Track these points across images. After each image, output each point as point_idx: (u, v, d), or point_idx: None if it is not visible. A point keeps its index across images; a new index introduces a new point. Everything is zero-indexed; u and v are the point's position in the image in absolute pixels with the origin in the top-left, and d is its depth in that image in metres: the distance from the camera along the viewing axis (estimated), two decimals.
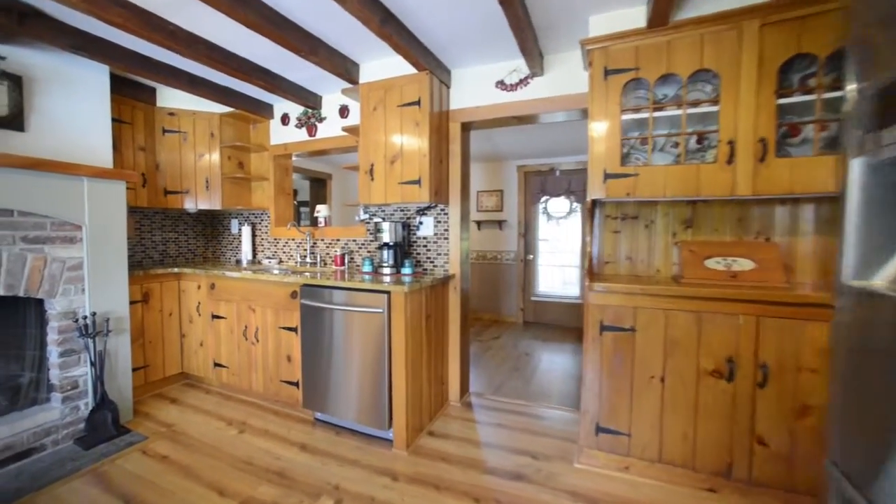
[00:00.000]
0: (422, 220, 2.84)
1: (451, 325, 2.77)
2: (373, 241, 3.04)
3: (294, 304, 2.54)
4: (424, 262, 2.86)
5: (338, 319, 2.36)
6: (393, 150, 2.53)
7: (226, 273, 2.78)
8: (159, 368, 2.96)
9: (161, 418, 2.62)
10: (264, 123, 3.47)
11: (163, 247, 3.49)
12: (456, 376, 2.79)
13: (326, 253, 3.23)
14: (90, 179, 2.36)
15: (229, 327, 2.85)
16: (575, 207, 5.06)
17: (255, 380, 2.76)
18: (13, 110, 2.24)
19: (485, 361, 3.74)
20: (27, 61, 2.27)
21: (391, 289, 2.16)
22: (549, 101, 2.46)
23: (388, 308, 2.18)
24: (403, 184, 2.50)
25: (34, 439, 2.22)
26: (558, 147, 4.56)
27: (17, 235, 2.13)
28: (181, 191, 3.18)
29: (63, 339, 2.30)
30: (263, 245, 3.56)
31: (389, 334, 2.20)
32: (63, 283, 2.29)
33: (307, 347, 2.48)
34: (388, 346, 2.21)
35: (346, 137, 3.09)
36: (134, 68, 2.49)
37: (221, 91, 3.00)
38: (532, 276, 5.32)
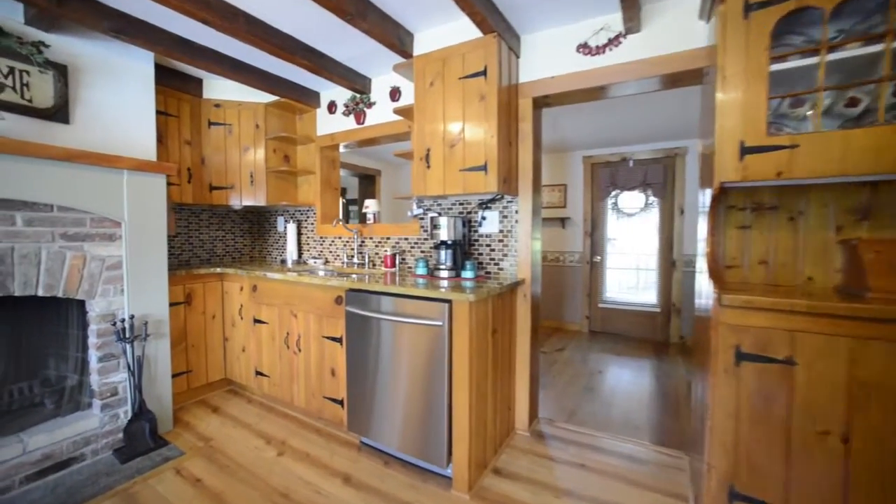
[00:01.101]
0: (485, 215, 2.42)
1: (519, 338, 2.33)
2: (427, 239, 2.68)
3: (338, 311, 2.22)
4: (487, 265, 2.44)
5: (387, 331, 2.01)
6: (453, 131, 2.14)
7: (267, 274, 2.54)
8: (202, 374, 2.79)
9: (201, 430, 2.41)
10: (311, 113, 3.23)
11: (210, 245, 3.36)
12: (524, 400, 2.35)
13: (375, 253, 2.92)
14: (130, 172, 2.19)
15: (271, 333, 2.61)
16: (652, 202, 4.40)
17: (296, 393, 2.49)
18: (58, 101, 2.12)
19: (551, 379, 3.25)
20: (72, 50, 2.15)
21: (453, 297, 1.77)
22: (646, 65, 1.95)
23: (448, 320, 1.79)
24: (465, 171, 2.10)
25: (74, 448, 2.07)
26: (632, 133, 3.96)
27: (56, 232, 1.99)
28: (226, 186, 3.01)
29: (102, 343, 2.15)
30: (309, 244, 3.33)
31: (450, 351, 1.81)
32: (102, 283, 2.13)
33: (353, 361, 2.16)
34: (448, 366, 1.82)
35: (398, 122, 2.76)
36: (175, 53, 2.31)
37: (266, 77, 2.78)
38: (599, 281, 4.72)
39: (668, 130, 3.85)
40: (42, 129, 2.06)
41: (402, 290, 1.92)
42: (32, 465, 1.94)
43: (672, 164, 4.21)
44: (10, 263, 1.87)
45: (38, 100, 2.08)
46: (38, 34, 2.06)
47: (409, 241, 2.76)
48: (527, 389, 2.34)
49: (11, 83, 2.01)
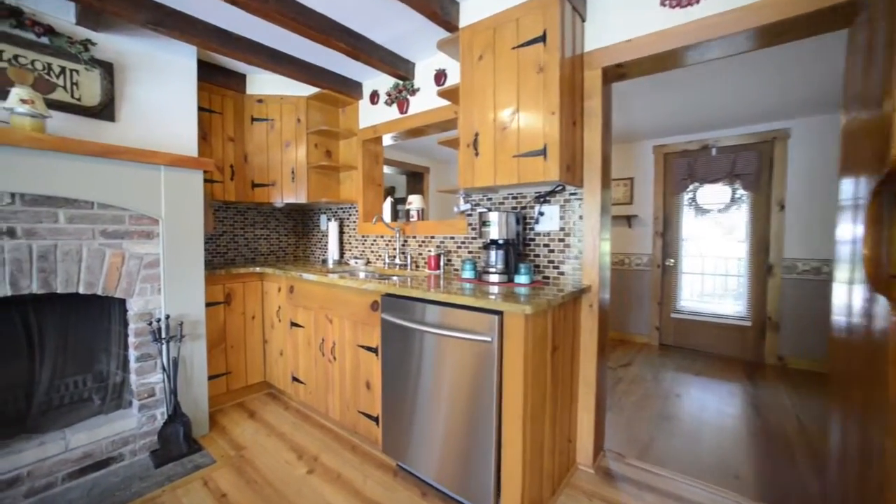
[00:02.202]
0: (542, 211, 2.07)
1: (583, 357, 1.96)
2: (475, 238, 2.38)
3: (374, 319, 1.99)
4: (544, 268, 2.09)
5: (427, 344, 1.73)
6: (505, 111, 1.83)
7: (303, 275, 2.38)
8: (241, 376, 2.71)
9: (235, 436, 2.31)
10: (353, 105, 3.07)
11: (254, 244, 3.32)
12: (588, 430, 1.97)
13: (419, 253, 2.67)
14: (167, 168, 2.12)
15: (307, 338, 2.45)
16: (741, 196, 3.73)
17: (331, 404, 2.30)
18: (104, 99, 2.11)
19: (616, 400, 2.80)
20: (118, 48, 2.14)
21: (505, 307, 1.45)
22: (755, 11, 1.49)
23: (499, 334, 1.48)
24: (521, 156, 1.78)
25: (113, 448, 2.04)
26: (717, 115, 3.36)
27: (96, 229, 1.96)
28: (268, 183, 2.92)
29: (139, 343, 2.10)
30: (351, 243, 3.17)
31: (500, 372, 1.50)
32: (140, 281, 2.08)
33: (389, 375, 1.92)
34: (498, 390, 1.51)
35: (443, 109, 2.49)
36: (212, 44, 2.22)
37: (307, 68, 2.65)
38: (672, 287, 4.12)
39: (764, 109, 3.21)
40: (88, 127, 2.06)
41: (444, 297, 1.63)
42: (74, 463, 1.92)
43: (769, 151, 3.53)
44: (52, 261, 1.84)
45: (86, 98, 2.07)
46: (87, 33, 2.06)
47: (455, 240, 2.47)
48: (591, 418, 1.96)
49: (62, 83, 2.02)
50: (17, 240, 1.77)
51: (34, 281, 1.80)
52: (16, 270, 1.76)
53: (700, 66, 2.47)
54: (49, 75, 1.98)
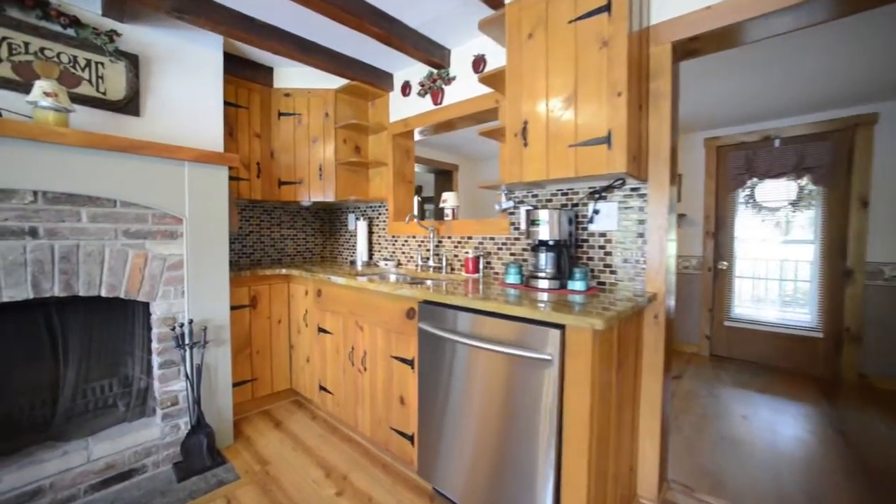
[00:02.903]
0: (597, 208, 1.84)
1: (645, 376, 1.71)
2: (518, 238, 2.16)
3: (410, 327, 1.81)
4: (599, 272, 1.85)
5: (472, 359, 1.53)
6: (561, 94, 1.60)
7: (331, 278, 2.22)
8: (267, 383, 2.59)
9: (259, 448, 2.17)
10: (383, 98, 2.90)
11: (281, 244, 3.21)
12: (651, 458, 1.72)
13: (454, 255, 2.47)
14: (191, 164, 2.01)
15: (335, 346, 2.30)
16: (810, 192, 3.34)
17: (361, 417, 2.14)
18: (129, 93, 2.02)
19: (672, 420, 2.52)
20: (144, 39, 2.05)
21: (570, 321, 1.23)
22: None
23: (560, 352, 1.26)
24: (578, 146, 1.55)
25: (135, 459, 1.94)
26: (782, 100, 3.01)
27: (118, 229, 1.86)
28: (295, 181, 2.79)
29: (162, 349, 1.99)
30: (381, 243, 3.00)
31: (561, 395, 1.28)
32: (163, 284, 1.97)
33: (426, 392, 1.72)
34: (559, 414, 1.29)
35: (482, 98, 2.28)
36: (237, 32, 2.09)
37: (335, 58, 2.50)
38: (725, 292, 3.77)
39: (842, 92, 2.83)
40: (113, 122, 1.98)
41: (494, 306, 1.43)
42: (96, 475, 1.83)
43: (847, 140, 3.12)
44: (75, 262, 1.75)
45: (111, 92, 1.99)
46: (113, 24, 1.98)
47: (495, 241, 2.26)
48: (656, 444, 1.71)
49: (88, 76, 1.94)
50: (39, 240, 1.68)
51: (56, 283, 1.71)
52: (38, 272, 1.68)
53: (762, 46, 2.17)
54: (75, 68, 1.90)
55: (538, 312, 1.29)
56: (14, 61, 1.79)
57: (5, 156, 1.57)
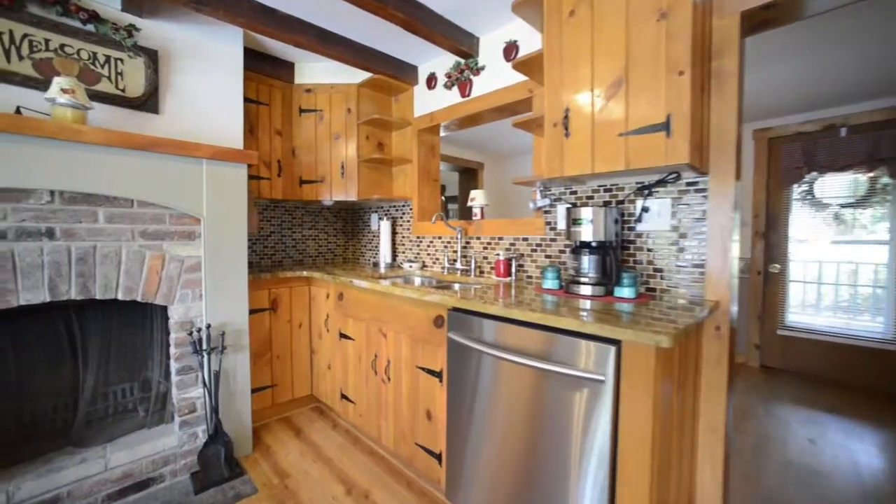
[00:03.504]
0: (647, 206, 1.64)
1: (705, 394, 1.50)
2: (555, 239, 1.98)
3: (438, 337, 1.66)
4: (649, 277, 1.65)
5: (511, 376, 1.37)
6: (609, 76, 1.42)
7: (353, 281, 2.10)
8: (287, 389, 2.50)
9: (279, 459, 2.07)
10: (407, 93, 2.77)
11: (303, 245, 3.13)
12: (713, 489, 1.50)
13: (483, 257, 2.31)
14: (209, 162, 1.93)
15: (357, 353, 2.18)
16: (885, 185, 2.97)
17: (384, 430, 2.00)
18: (148, 89, 1.96)
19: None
20: (163, 34, 1.99)
21: (626, 336, 1.05)
22: None
23: (615, 372, 1.08)
24: (630, 134, 1.36)
25: (153, 468, 1.87)
26: (850, 83, 2.69)
27: (136, 230, 1.79)
28: (316, 180, 2.70)
29: (180, 354, 1.91)
30: (405, 244, 2.87)
31: (615, 422, 1.10)
32: (180, 287, 1.90)
33: (456, 408, 1.57)
34: (612, 445, 1.11)
35: (515, 88, 2.11)
36: (257, 24, 2.00)
37: (357, 51, 2.38)
38: (778, 298, 3.44)
39: None
40: (132, 120, 1.92)
41: (538, 317, 1.26)
42: (114, 483, 1.77)
43: None
44: (91, 264, 1.69)
45: (130, 89, 1.93)
46: (132, 20, 1.93)
47: (528, 242, 2.09)
48: (718, 473, 1.49)
49: (107, 73, 1.89)
50: (56, 241, 1.62)
51: (73, 286, 1.66)
52: (55, 275, 1.62)
53: (829, 19, 1.91)
54: (94, 65, 1.85)
55: (589, 325, 1.11)
56: (35, 59, 1.75)
57: (23, 154, 1.52)
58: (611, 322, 1.10)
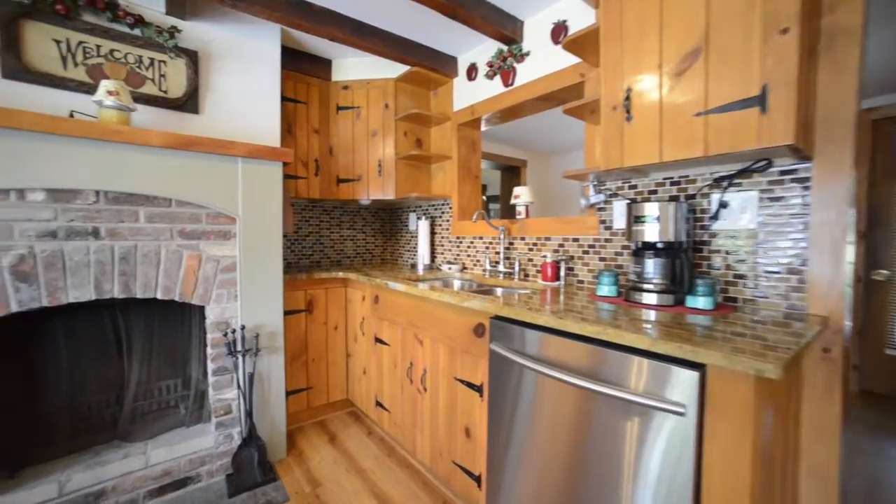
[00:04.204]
0: (725, 200, 1.38)
1: (807, 430, 1.22)
2: (610, 240, 1.75)
3: (478, 346, 1.50)
4: (728, 286, 1.39)
5: (561, 397, 1.18)
6: (683, 44, 1.19)
7: (388, 284, 1.99)
8: (323, 392, 2.44)
9: (312, 466, 2.01)
10: (446, 86, 2.63)
11: (340, 245, 3.08)
12: None
13: (528, 259, 2.12)
14: (244, 160, 1.90)
15: (392, 359, 2.06)
16: None
17: (420, 443, 1.87)
18: (189, 90, 1.97)
19: None
20: (203, 35, 2.01)
21: (716, 361, 0.83)
22: None
23: (698, 402, 0.87)
24: (712, 113, 1.13)
25: (190, 468, 1.86)
26: None
27: (174, 229, 1.79)
28: (353, 178, 2.63)
29: (216, 355, 1.90)
30: (444, 245, 2.74)
31: (698, 464, 0.88)
32: (216, 287, 1.88)
33: (498, 427, 1.40)
34: (694, 493, 0.89)
35: (562, 73, 1.91)
36: (294, 19, 1.95)
37: (394, 43, 2.28)
38: (886, 311, 2.93)
39: None
40: (174, 120, 1.94)
41: (597, 330, 1.06)
42: (154, 480, 1.78)
43: None
44: (133, 263, 1.70)
45: (172, 90, 1.96)
46: (174, 21, 1.95)
47: (579, 243, 1.87)
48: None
49: (151, 75, 1.92)
50: (101, 240, 1.64)
51: (116, 285, 1.67)
52: (99, 273, 1.64)
53: None
54: (140, 68, 1.89)
55: (663, 344, 0.90)
56: (88, 65, 1.79)
57: (73, 155, 1.55)
58: (691, 341, 0.89)
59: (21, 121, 1.42)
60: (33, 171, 1.48)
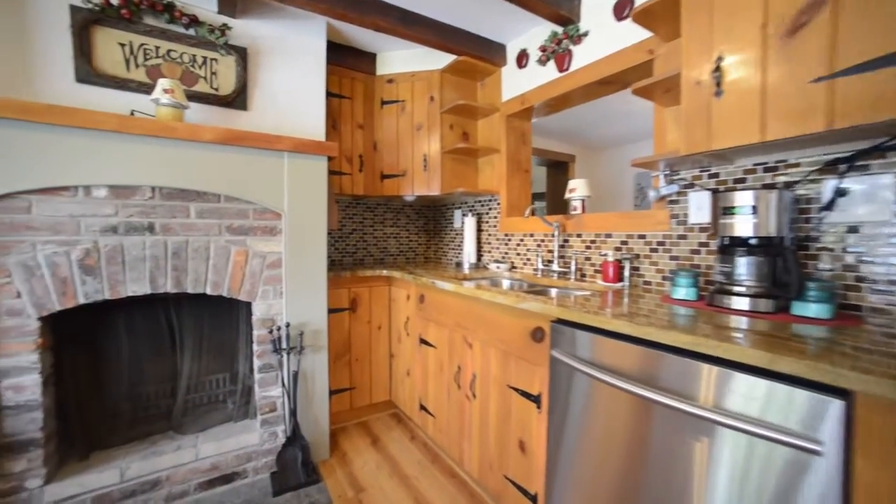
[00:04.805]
0: (843, 188, 1.14)
1: None
2: (685, 235, 1.55)
3: (536, 353, 1.35)
4: (847, 291, 1.15)
5: (639, 417, 1.02)
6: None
7: (435, 283, 1.89)
8: (366, 393, 2.39)
9: (355, 470, 1.95)
10: (494, 76, 2.50)
11: (384, 243, 3.04)
12: None
13: (585, 258, 1.94)
14: (290, 155, 1.87)
15: (438, 362, 1.96)
16: None
17: (468, 452, 1.75)
18: (238, 86, 1.99)
19: None
20: (251, 32, 2.02)
21: (870, 388, 0.64)
22: None
23: (842, 439, 0.68)
24: (840, 76, 0.92)
25: (237, 463, 1.86)
26: None
27: (222, 225, 1.79)
28: (397, 174, 2.56)
29: (261, 352, 1.88)
30: (490, 243, 2.61)
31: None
32: (262, 283, 1.86)
33: (559, 443, 1.25)
34: None
35: (627, 52, 1.72)
36: (338, 9, 1.90)
37: (440, 31, 2.18)
38: None
39: None
40: (224, 117, 1.96)
41: (696, 342, 0.89)
42: (203, 473, 1.79)
43: None
44: (184, 258, 1.72)
45: (223, 87, 1.98)
46: (226, 20, 1.97)
47: (645, 239, 1.68)
48: None
49: (204, 73, 1.95)
50: (156, 235, 1.67)
51: (168, 279, 1.70)
52: (154, 268, 1.67)
53: None
54: (193, 67, 1.92)
55: (792, 362, 0.72)
56: (147, 66, 1.84)
57: (133, 152, 1.59)
58: (829, 359, 0.70)
59: (94, 121, 1.48)
60: (98, 167, 1.53)
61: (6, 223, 1.42)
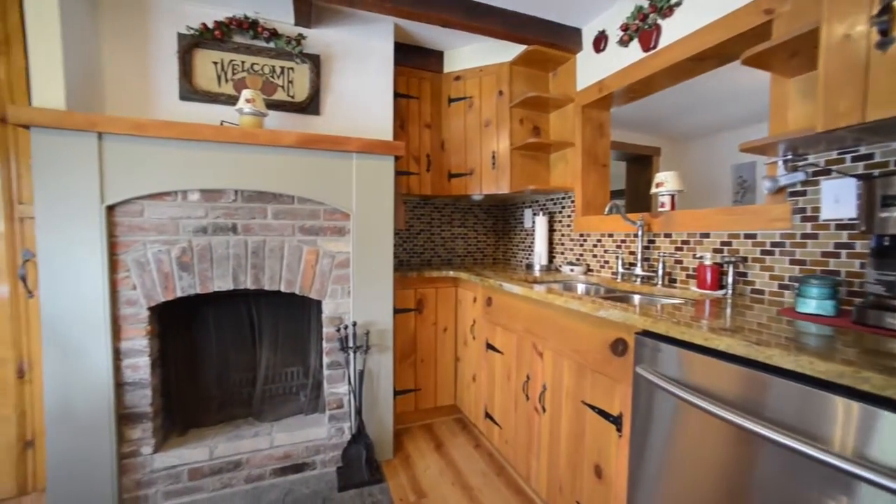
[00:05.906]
0: None
1: None
2: (814, 235, 1.26)
3: (617, 368, 1.18)
4: None
5: (747, 453, 0.82)
6: None
7: (503, 285, 1.78)
8: (430, 395, 2.35)
9: (417, 473, 1.91)
10: (567, 65, 2.32)
11: (451, 244, 2.99)
12: None
13: (675, 261, 1.69)
14: (358, 155, 1.90)
15: (506, 369, 1.85)
16: None
17: (535, 469, 1.61)
18: (311, 92, 2.09)
19: None
20: (323, 39, 2.12)
21: None
22: None
23: None
24: None
25: (307, 454, 1.94)
26: None
27: (295, 225, 1.87)
28: (465, 173, 2.49)
29: (329, 349, 1.93)
30: (563, 243, 2.42)
31: None
32: (331, 282, 1.91)
33: (643, 472, 1.07)
34: None
35: (733, 18, 1.46)
36: (404, 7, 1.89)
37: (509, 20, 2.07)
38: None
39: None
40: (298, 122, 2.06)
41: (844, 372, 0.69)
42: (277, 461, 1.89)
43: None
44: (262, 257, 1.82)
45: (298, 94, 2.09)
46: (301, 31, 2.07)
47: (755, 239, 1.40)
48: None
49: (282, 83, 2.06)
50: (238, 235, 1.79)
51: (248, 277, 1.81)
52: (236, 266, 1.79)
53: None
54: (273, 77, 2.04)
55: None
56: (234, 79, 2.00)
57: (221, 159, 1.72)
58: None
59: (195, 132, 1.63)
60: (193, 174, 1.68)
61: (126, 225, 1.62)
